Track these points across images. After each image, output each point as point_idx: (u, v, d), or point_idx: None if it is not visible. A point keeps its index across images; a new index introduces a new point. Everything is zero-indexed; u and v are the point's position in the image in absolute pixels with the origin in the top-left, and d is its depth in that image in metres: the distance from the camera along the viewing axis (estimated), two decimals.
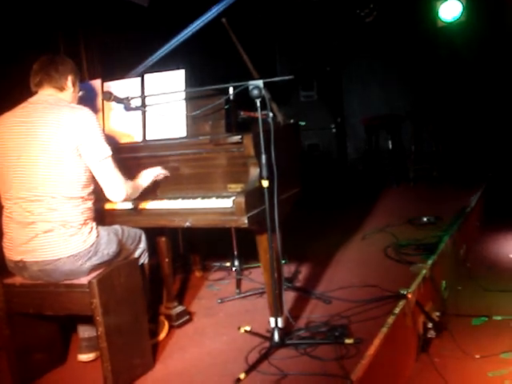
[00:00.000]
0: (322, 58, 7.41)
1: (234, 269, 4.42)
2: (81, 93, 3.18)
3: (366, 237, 5.11)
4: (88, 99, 3.53)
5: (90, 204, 2.95)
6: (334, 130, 7.64)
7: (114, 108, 3.49)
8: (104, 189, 2.94)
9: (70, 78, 3.02)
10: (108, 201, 3.08)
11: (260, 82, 2.98)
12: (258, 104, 2.98)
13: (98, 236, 2.95)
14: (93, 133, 2.86)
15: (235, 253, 4.41)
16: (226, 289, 4.25)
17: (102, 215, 3.20)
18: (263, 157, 2.97)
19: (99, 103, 3.50)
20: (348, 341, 3.07)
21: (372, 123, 7.52)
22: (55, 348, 3.26)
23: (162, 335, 3.45)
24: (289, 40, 7.60)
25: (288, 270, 4.28)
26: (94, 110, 3.50)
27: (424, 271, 3.97)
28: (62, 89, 3.00)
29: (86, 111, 2.90)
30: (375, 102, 8.03)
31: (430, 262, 4.16)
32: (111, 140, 3.46)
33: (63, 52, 4.92)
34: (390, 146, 7.26)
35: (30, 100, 2.97)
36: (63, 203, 2.83)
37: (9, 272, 3.02)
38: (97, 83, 3.53)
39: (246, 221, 2.89)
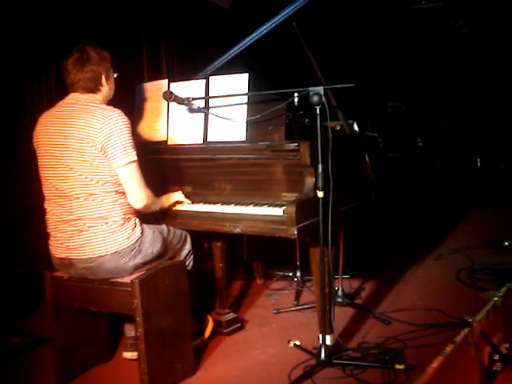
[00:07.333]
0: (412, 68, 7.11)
1: (295, 279, 4.32)
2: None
3: (440, 257, 4.84)
4: (154, 99, 3.54)
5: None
6: (420, 144, 7.34)
7: (177, 109, 3.46)
8: (126, 193, 2.88)
9: (103, 77, 2.94)
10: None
11: (320, 89, 2.87)
12: (318, 111, 2.87)
13: (142, 233, 2.93)
14: (118, 135, 2.79)
15: (298, 263, 4.30)
16: (284, 299, 4.14)
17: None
18: (320, 166, 2.85)
19: (163, 103, 3.48)
20: (399, 366, 2.89)
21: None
22: (102, 344, 3.28)
23: (207, 333, 3.38)
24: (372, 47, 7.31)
25: (350, 285, 4.12)
26: (158, 109, 3.53)
27: (495, 299, 3.71)
28: (95, 89, 2.93)
29: (116, 113, 2.83)
30: None
31: (503, 289, 3.87)
32: (173, 140, 3.46)
33: (145, 51, 5.00)
34: (479, 164, 6.91)
35: (66, 99, 2.95)
36: (101, 199, 2.82)
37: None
38: (163, 83, 3.53)
39: (296, 231, 2.79)
